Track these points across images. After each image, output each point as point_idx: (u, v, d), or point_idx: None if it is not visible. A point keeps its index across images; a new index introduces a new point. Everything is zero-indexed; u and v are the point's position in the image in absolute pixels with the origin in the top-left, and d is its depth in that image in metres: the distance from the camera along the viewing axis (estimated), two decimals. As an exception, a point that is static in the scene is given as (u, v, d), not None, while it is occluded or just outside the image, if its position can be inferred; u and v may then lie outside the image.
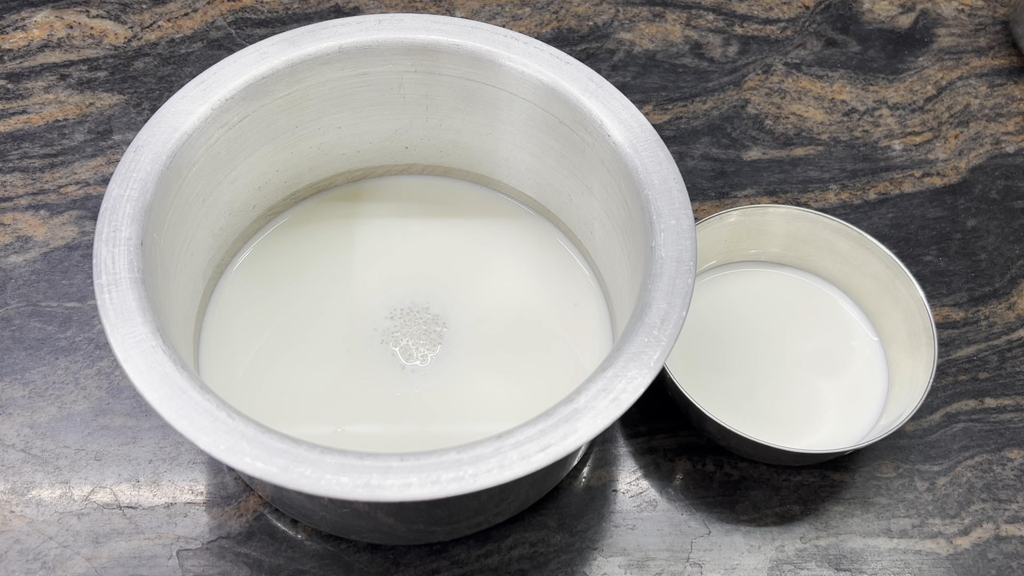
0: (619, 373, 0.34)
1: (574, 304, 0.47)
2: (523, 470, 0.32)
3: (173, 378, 0.33)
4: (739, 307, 0.50)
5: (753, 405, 0.47)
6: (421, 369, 0.44)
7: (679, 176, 0.40)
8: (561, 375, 0.44)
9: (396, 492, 0.31)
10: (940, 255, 0.55)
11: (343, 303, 0.46)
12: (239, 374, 0.44)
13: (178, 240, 0.41)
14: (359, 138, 0.48)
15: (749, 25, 0.64)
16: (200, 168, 0.41)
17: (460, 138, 0.48)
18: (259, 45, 0.42)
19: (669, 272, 0.37)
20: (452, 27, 0.43)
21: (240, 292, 0.46)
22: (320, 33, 0.43)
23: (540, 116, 0.44)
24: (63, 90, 0.58)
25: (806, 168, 0.58)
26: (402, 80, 0.45)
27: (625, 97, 0.42)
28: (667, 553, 0.45)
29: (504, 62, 0.43)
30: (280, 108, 0.43)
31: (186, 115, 0.40)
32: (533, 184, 0.48)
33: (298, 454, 0.32)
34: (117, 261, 0.36)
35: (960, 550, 0.45)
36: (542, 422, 0.33)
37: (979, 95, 0.61)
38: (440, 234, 0.49)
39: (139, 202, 0.37)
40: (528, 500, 0.44)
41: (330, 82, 0.44)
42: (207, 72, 0.41)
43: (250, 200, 0.46)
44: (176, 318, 0.40)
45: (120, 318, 0.34)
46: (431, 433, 0.43)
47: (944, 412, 0.49)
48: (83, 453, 0.46)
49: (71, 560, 0.43)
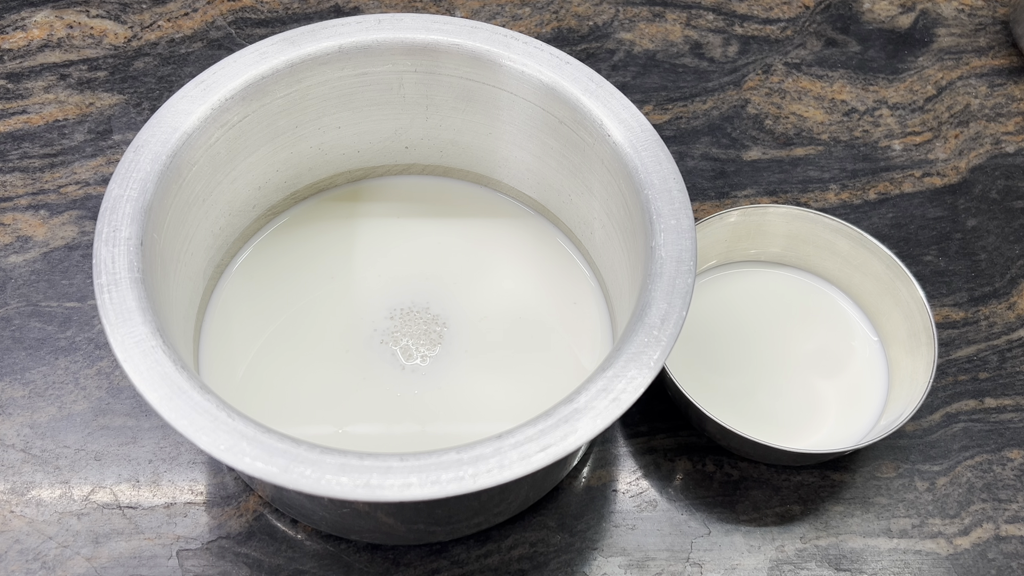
0: (619, 373, 0.34)
1: (574, 304, 0.47)
2: (523, 470, 0.32)
3: (173, 378, 0.33)
4: (739, 307, 0.50)
5: (753, 405, 0.47)
6: (421, 369, 0.44)
7: (679, 176, 0.40)
8: (561, 375, 0.44)
9: (396, 492, 0.31)
10: (940, 255, 0.55)
11: (343, 303, 0.46)
12: (239, 374, 0.44)
13: (178, 240, 0.41)
14: (359, 138, 0.48)
15: (749, 25, 0.64)
16: (200, 168, 0.41)
17: (460, 138, 0.48)
18: (259, 45, 0.42)
19: (669, 272, 0.37)
20: (452, 27, 0.43)
21: (240, 292, 0.46)
22: (320, 33, 0.43)
23: (540, 116, 0.44)
24: (63, 90, 0.58)
25: (806, 168, 0.58)
26: (402, 80, 0.45)
27: (625, 97, 0.42)
28: (667, 553, 0.45)
29: (504, 62, 0.43)
30: (280, 108, 0.43)
31: (186, 115, 0.40)
32: (533, 184, 0.48)
33: (298, 454, 0.32)
34: (117, 261, 0.36)
35: (960, 550, 0.45)
36: (542, 422, 0.33)
37: (979, 95, 0.61)
38: (440, 234, 0.49)
39: (139, 202, 0.37)
40: (528, 500, 0.44)
41: (330, 82, 0.44)
42: (207, 72, 0.41)
43: (250, 200, 0.46)
44: (176, 318, 0.40)
45: (120, 318, 0.34)
46: (431, 433, 0.43)
47: (944, 412, 0.49)
48: (83, 453, 0.46)
49: (71, 560, 0.43)
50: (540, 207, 0.49)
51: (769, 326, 0.50)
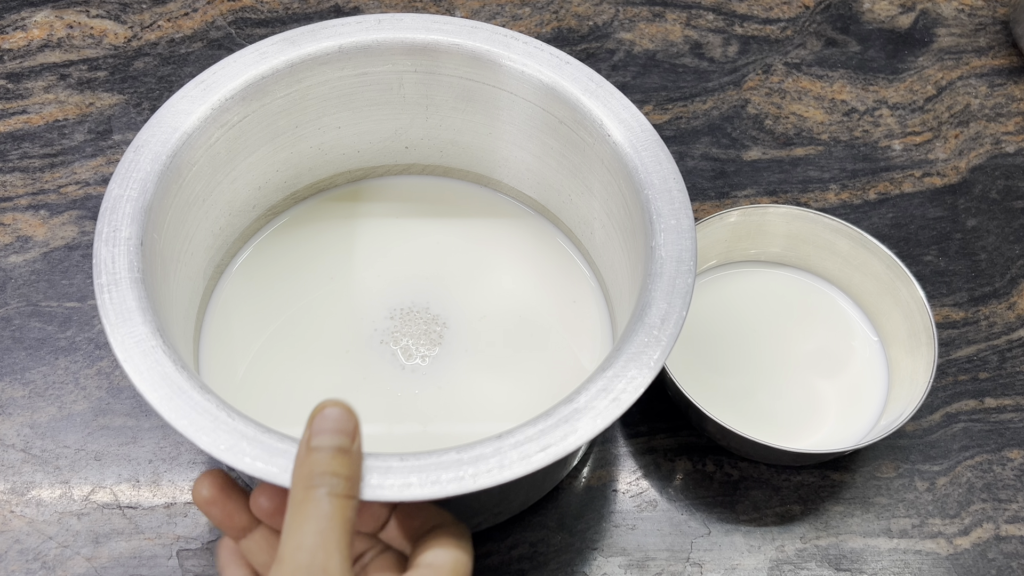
0: (619, 373, 0.34)
1: (574, 303, 0.47)
2: (523, 470, 0.32)
3: (173, 378, 0.33)
4: (739, 307, 0.50)
5: (753, 405, 0.47)
6: (421, 369, 0.44)
7: (679, 176, 0.40)
8: (561, 375, 0.44)
9: (396, 492, 0.31)
10: (940, 255, 0.55)
11: (343, 303, 0.46)
12: (240, 374, 0.44)
13: (178, 240, 0.41)
14: (359, 138, 0.48)
15: (749, 25, 0.64)
16: (200, 168, 0.41)
17: (460, 138, 0.48)
18: (259, 45, 0.42)
19: (669, 272, 0.37)
20: (452, 27, 0.43)
21: (240, 292, 0.46)
22: (320, 33, 0.43)
23: (540, 116, 0.44)
24: (63, 90, 0.58)
25: (806, 168, 0.58)
26: (402, 80, 0.45)
27: (625, 97, 0.42)
28: (667, 553, 0.45)
29: (504, 62, 0.43)
30: (280, 108, 0.43)
31: (186, 115, 0.40)
32: (533, 184, 0.48)
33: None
34: (117, 261, 0.36)
35: (960, 550, 0.45)
36: (542, 422, 0.33)
37: (979, 95, 0.61)
38: (440, 234, 0.49)
39: (139, 202, 0.37)
40: (528, 500, 0.44)
41: (330, 82, 0.44)
42: (207, 72, 0.41)
43: (250, 200, 0.46)
44: (176, 318, 0.40)
45: (120, 318, 0.34)
46: (432, 433, 0.43)
47: (944, 412, 0.49)
48: (83, 453, 0.46)
49: (71, 560, 0.43)
50: (540, 207, 0.49)
51: (769, 326, 0.50)
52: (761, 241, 0.51)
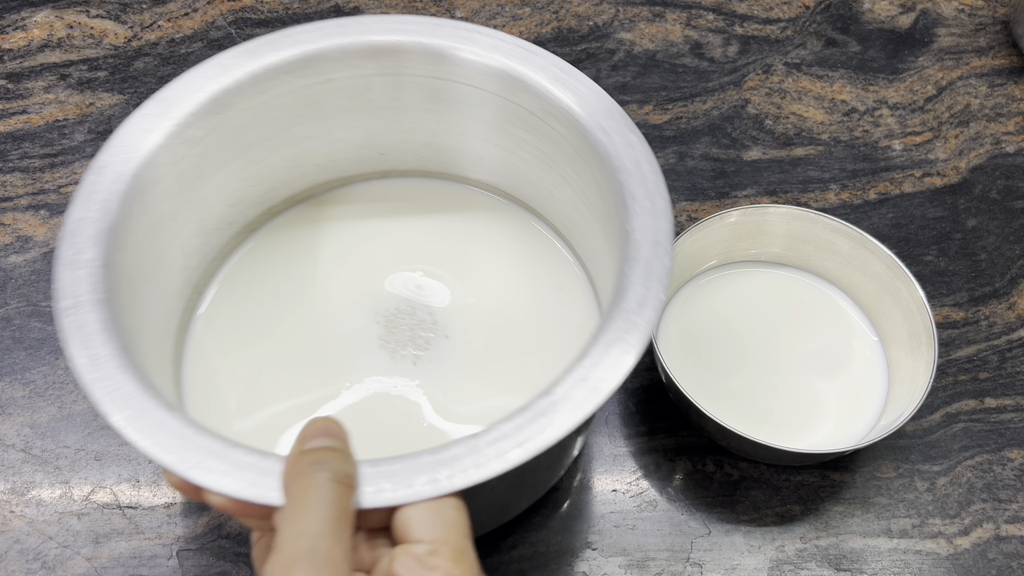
0: (597, 361, 0.33)
1: (561, 290, 0.46)
2: (500, 468, 0.31)
3: (136, 399, 0.32)
4: (739, 307, 0.50)
5: (753, 405, 0.47)
6: (413, 371, 0.44)
7: (652, 158, 0.38)
8: (557, 369, 0.44)
9: (369, 499, 0.30)
10: (940, 255, 0.55)
11: (331, 311, 0.46)
12: (235, 387, 0.43)
13: (147, 261, 0.40)
14: (332, 147, 0.46)
15: (749, 25, 0.64)
16: (167, 186, 0.40)
17: (435, 140, 0.47)
18: (219, 57, 0.41)
19: (645, 255, 0.36)
20: (414, 26, 0.42)
21: (222, 310, 0.45)
22: (281, 42, 0.42)
23: (511, 109, 0.43)
24: (63, 90, 0.58)
25: (806, 168, 0.58)
26: (369, 84, 0.44)
27: (594, 82, 0.41)
28: (667, 553, 0.45)
29: (465, 55, 0.42)
30: (246, 121, 0.42)
31: (147, 132, 0.39)
32: (512, 181, 0.47)
33: (266, 467, 0.31)
34: (79, 284, 0.34)
35: (960, 550, 0.45)
36: (518, 417, 0.32)
37: (979, 95, 0.61)
38: (426, 233, 0.48)
39: (102, 223, 0.36)
40: (528, 500, 0.44)
41: (295, 91, 0.43)
42: (167, 87, 0.40)
43: (225, 217, 0.45)
44: (148, 338, 0.38)
45: (83, 341, 0.33)
46: (430, 433, 0.43)
47: (944, 412, 0.49)
48: (83, 453, 0.46)
49: (71, 560, 0.43)
50: (522, 203, 0.49)
51: (769, 326, 0.50)
52: (761, 241, 0.51)
